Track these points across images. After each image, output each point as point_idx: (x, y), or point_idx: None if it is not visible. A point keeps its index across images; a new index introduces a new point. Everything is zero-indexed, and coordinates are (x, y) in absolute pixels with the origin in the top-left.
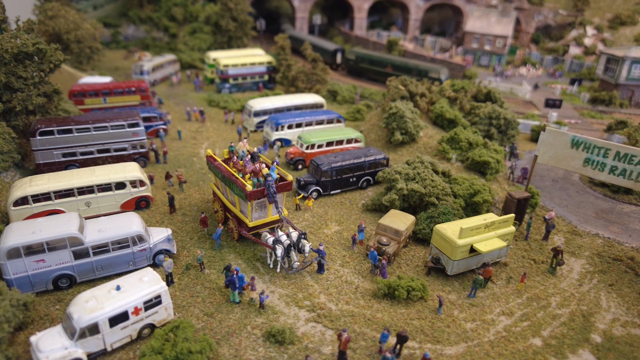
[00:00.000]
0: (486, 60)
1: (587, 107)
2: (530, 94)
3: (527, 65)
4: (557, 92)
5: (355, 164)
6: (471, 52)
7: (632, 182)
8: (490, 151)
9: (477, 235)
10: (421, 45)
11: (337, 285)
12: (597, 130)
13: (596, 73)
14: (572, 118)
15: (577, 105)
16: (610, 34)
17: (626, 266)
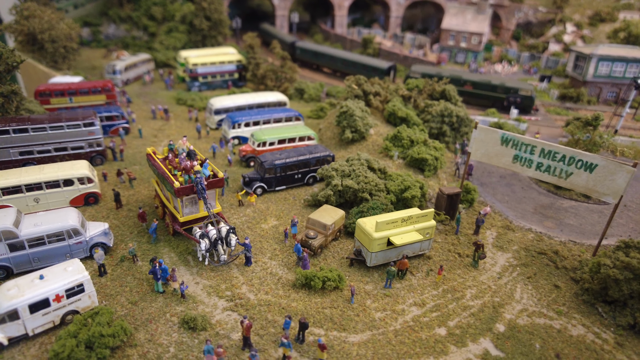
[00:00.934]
0: (462, 57)
1: (556, 104)
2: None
3: (502, 62)
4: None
5: (300, 161)
6: (448, 49)
7: (556, 177)
8: (430, 149)
9: (395, 228)
10: (401, 43)
11: (261, 277)
12: (559, 127)
13: (566, 70)
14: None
15: (546, 102)
16: (589, 30)
17: (549, 259)
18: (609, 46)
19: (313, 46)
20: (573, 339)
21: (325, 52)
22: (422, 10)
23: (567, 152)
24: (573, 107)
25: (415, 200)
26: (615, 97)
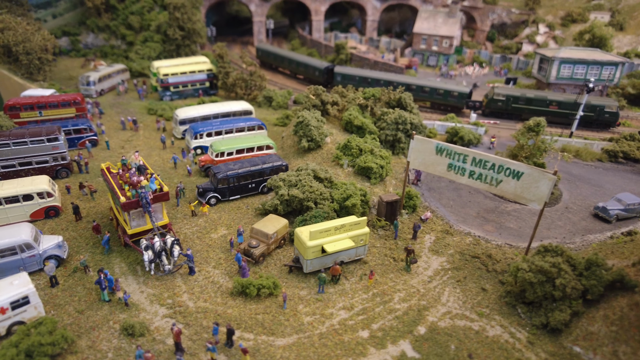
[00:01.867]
0: (434, 61)
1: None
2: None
3: (473, 65)
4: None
5: (253, 171)
6: (420, 53)
7: (487, 185)
8: (376, 157)
9: (328, 237)
10: (376, 47)
11: (202, 285)
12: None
13: (532, 72)
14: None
15: None
16: (561, 31)
17: (481, 263)
18: (570, 49)
19: (359, 71)
20: (488, 339)
21: (376, 77)
22: (399, 13)
23: (496, 160)
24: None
25: (357, 208)
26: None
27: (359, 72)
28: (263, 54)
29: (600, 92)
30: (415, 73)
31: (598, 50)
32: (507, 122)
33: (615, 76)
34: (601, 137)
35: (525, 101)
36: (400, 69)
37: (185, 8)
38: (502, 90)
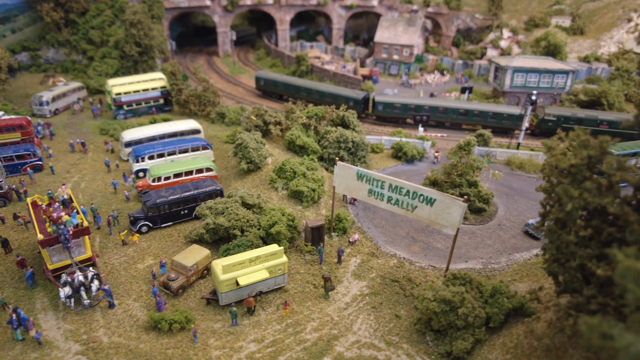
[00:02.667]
0: (396, 70)
1: None
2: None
3: (434, 73)
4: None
5: (185, 197)
6: (382, 62)
7: (404, 210)
8: (308, 180)
9: (243, 269)
10: (341, 55)
11: (120, 320)
12: None
13: (489, 80)
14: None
15: None
16: (525, 36)
17: (400, 287)
18: (523, 58)
19: (403, 99)
20: None
21: (425, 104)
22: (366, 20)
23: (410, 187)
24: None
25: (283, 234)
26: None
27: (404, 99)
28: (266, 83)
29: (553, 100)
30: (373, 87)
31: (550, 58)
32: (457, 134)
33: (567, 84)
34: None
35: (575, 121)
36: (357, 81)
37: (142, 24)
38: (552, 111)
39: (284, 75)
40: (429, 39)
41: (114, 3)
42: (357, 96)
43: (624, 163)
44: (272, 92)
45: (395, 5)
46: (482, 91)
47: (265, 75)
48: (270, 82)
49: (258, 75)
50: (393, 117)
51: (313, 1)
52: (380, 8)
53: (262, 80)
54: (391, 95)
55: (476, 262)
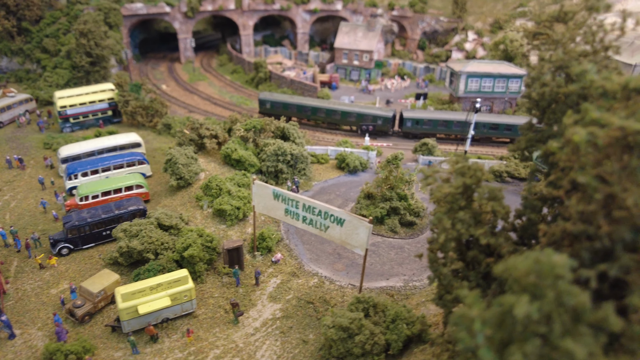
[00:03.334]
0: (356, 75)
1: None
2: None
3: (395, 78)
4: (408, 107)
5: (106, 218)
6: (342, 68)
7: (318, 230)
8: (234, 198)
9: (144, 297)
10: (305, 61)
11: (17, 351)
12: None
13: (445, 85)
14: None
15: None
16: (489, 38)
17: (314, 309)
18: (478, 62)
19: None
20: None
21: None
22: (333, 24)
23: (322, 207)
24: None
25: (198, 257)
26: (489, 111)
27: (432, 115)
28: (274, 106)
29: (509, 104)
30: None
31: (505, 63)
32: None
33: (522, 88)
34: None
35: None
36: (313, 88)
37: (92, 34)
38: None
39: (295, 95)
40: (395, 42)
41: (69, 10)
42: (386, 114)
43: (497, 192)
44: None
45: (360, 8)
46: (441, 96)
47: (271, 97)
48: (279, 105)
49: (262, 98)
50: (422, 133)
51: (276, 6)
52: (345, 12)
53: (268, 103)
54: (419, 112)
55: (398, 279)
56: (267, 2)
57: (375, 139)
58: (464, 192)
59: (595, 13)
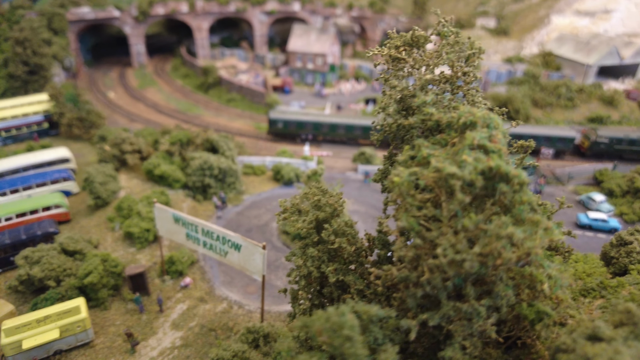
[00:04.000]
0: (312, 79)
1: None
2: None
3: (349, 81)
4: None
5: (11, 243)
6: (297, 71)
7: (219, 255)
8: (144, 219)
9: (30, 330)
10: (262, 64)
11: None
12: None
13: None
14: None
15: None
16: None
17: (215, 337)
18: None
19: None
20: None
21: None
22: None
23: (220, 232)
24: None
25: (99, 284)
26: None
27: (619, 133)
28: (287, 125)
29: None
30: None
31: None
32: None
33: None
34: None
35: (628, 142)
36: (261, 94)
37: (30, 42)
38: (605, 132)
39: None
40: (357, 43)
41: (10, 16)
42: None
43: (346, 227)
44: (294, 135)
45: (318, 9)
46: None
47: (283, 116)
48: (293, 124)
49: (274, 117)
50: None
51: (231, 8)
52: (303, 13)
53: (280, 122)
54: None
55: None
56: (222, 4)
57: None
58: (317, 227)
59: (445, 38)
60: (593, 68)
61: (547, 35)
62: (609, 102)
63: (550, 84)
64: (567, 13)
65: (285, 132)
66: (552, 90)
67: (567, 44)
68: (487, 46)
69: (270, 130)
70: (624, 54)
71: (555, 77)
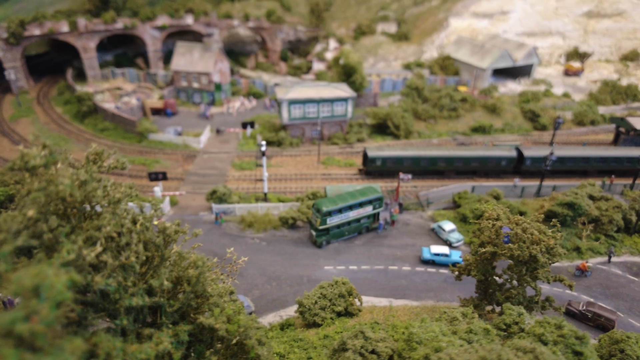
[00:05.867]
0: (199, 98)
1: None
2: (205, 144)
3: (239, 99)
4: (239, 137)
5: None
6: (184, 91)
7: None
8: None
9: None
10: (153, 82)
11: None
12: None
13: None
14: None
15: (249, 151)
16: (351, 44)
17: None
18: (301, 87)
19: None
20: None
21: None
22: (194, 38)
23: None
24: (277, 153)
25: None
26: (319, 135)
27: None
28: (385, 162)
29: (339, 127)
30: (150, 126)
31: (330, 85)
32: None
33: (347, 110)
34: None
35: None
36: (131, 122)
37: None
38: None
39: (408, 146)
40: (258, 55)
41: None
42: (510, 155)
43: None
44: (393, 172)
45: (214, 21)
46: (275, 120)
47: (382, 154)
48: (392, 160)
49: (373, 155)
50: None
51: (119, 25)
52: (198, 26)
53: (380, 160)
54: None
55: None
56: (108, 22)
57: (177, 187)
58: None
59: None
60: (487, 71)
61: (446, 38)
62: (493, 109)
63: (433, 95)
64: (465, 15)
65: (384, 169)
66: (435, 101)
67: (464, 48)
68: (388, 52)
69: (369, 169)
70: (517, 56)
71: (452, 82)
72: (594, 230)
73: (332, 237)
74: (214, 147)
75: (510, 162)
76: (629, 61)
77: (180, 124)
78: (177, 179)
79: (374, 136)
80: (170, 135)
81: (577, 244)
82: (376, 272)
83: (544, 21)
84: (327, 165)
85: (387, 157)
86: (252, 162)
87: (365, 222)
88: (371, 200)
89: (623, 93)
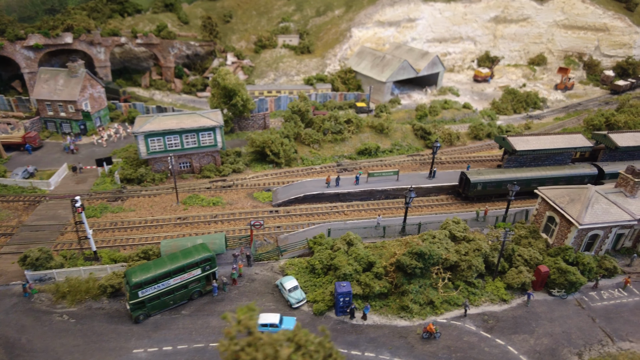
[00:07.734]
0: (69, 128)
1: (118, 190)
2: (58, 185)
3: (113, 127)
4: (99, 174)
5: None
6: (51, 120)
7: None
8: None
9: None
10: (27, 109)
11: None
12: None
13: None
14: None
15: (105, 192)
16: (250, 60)
17: None
18: (162, 117)
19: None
20: None
21: None
22: (85, 57)
23: None
24: (135, 193)
25: None
26: (189, 168)
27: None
28: (485, 186)
29: (212, 158)
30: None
31: (196, 114)
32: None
33: (217, 140)
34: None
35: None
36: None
37: None
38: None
39: (505, 169)
40: (152, 72)
41: None
42: (591, 172)
43: None
44: (492, 195)
45: (97, 39)
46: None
47: (482, 178)
48: (492, 184)
49: (475, 180)
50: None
51: None
52: (79, 44)
53: (481, 184)
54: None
55: None
56: None
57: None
58: None
59: None
60: (387, 85)
61: (350, 49)
62: (381, 130)
63: (317, 118)
64: (369, 25)
65: (484, 193)
66: (320, 124)
67: (366, 60)
68: (289, 67)
69: (470, 194)
70: (420, 66)
71: (351, 97)
72: (453, 277)
73: (151, 310)
74: (67, 189)
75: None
76: (536, 65)
77: (40, 161)
78: (4, 235)
79: (254, 165)
80: (17, 178)
81: (431, 297)
82: (193, 353)
83: (453, 27)
84: (188, 205)
85: (488, 181)
86: (101, 206)
87: (195, 287)
88: (198, 262)
89: (523, 101)
